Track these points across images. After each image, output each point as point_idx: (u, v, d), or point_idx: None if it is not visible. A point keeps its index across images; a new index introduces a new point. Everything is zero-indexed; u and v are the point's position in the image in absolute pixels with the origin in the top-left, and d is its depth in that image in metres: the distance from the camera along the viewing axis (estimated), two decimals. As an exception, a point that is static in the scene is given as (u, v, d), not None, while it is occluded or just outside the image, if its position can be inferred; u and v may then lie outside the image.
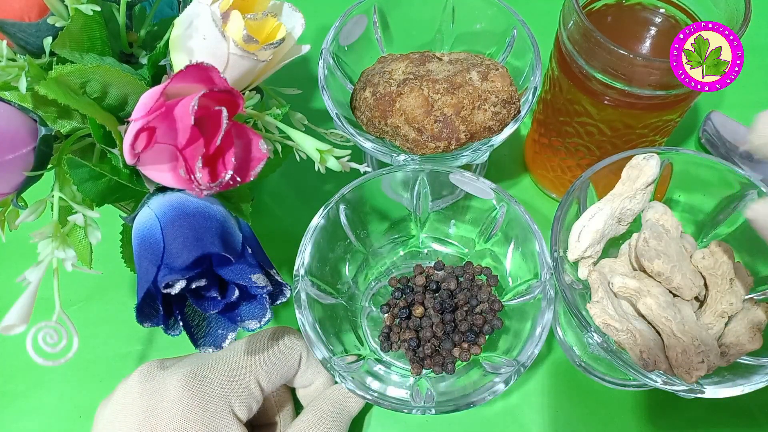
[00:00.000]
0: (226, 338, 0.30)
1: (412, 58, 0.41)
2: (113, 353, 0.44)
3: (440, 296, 0.40)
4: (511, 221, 0.39)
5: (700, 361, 0.30)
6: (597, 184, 0.37)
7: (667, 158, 0.36)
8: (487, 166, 0.51)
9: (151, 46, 0.34)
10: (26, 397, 0.43)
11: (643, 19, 0.39)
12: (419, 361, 0.38)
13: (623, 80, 0.35)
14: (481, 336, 0.39)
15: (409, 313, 0.40)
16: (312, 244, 0.37)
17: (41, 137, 0.27)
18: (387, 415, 0.41)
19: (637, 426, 0.41)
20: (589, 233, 0.35)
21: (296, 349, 0.36)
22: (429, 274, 0.42)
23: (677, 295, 0.34)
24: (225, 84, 0.25)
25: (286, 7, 0.31)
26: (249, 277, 0.29)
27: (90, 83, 0.27)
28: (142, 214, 0.30)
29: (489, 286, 0.40)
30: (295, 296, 0.35)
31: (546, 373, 0.43)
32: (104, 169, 0.28)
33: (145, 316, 0.28)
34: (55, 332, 0.25)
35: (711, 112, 0.51)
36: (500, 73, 0.39)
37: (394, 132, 0.39)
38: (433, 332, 0.38)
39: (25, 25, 0.29)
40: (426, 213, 0.43)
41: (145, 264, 0.28)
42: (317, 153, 0.31)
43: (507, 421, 0.41)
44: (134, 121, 0.25)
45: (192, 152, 0.25)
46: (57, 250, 0.26)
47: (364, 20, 0.42)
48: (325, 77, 0.40)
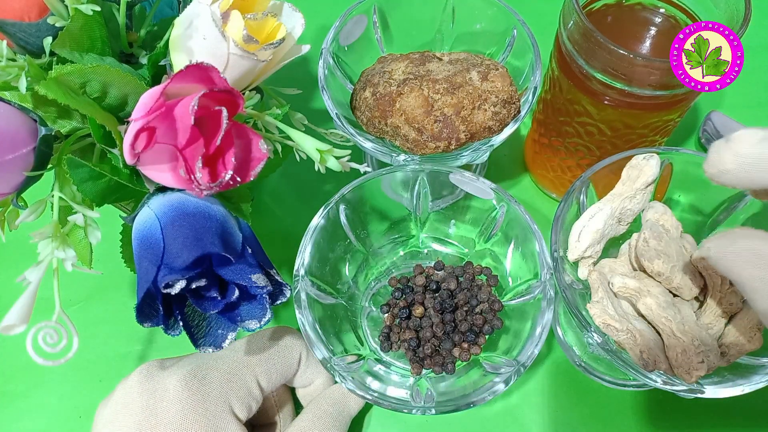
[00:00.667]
0: (226, 338, 0.30)
1: (412, 58, 0.41)
2: (113, 353, 0.44)
3: (440, 296, 0.40)
4: (511, 221, 0.39)
5: (700, 361, 0.30)
6: (597, 184, 0.37)
7: (667, 158, 0.36)
8: (487, 166, 0.51)
9: (151, 46, 0.34)
10: (26, 397, 0.43)
11: (643, 19, 0.39)
12: (419, 361, 0.38)
13: (623, 80, 0.35)
14: (481, 336, 0.39)
15: (409, 313, 0.39)
16: (312, 244, 0.37)
17: (41, 137, 0.27)
18: (387, 415, 0.41)
19: (637, 426, 0.41)
20: (589, 233, 0.35)
21: (296, 348, 0.37)
22: (429, 274, 0.42)
23: (677, 295, 0.34)
24: (225, 84, 0.25)
25: (286, 7, 0.31)
26: (249, 277, 0.29)
27: (90, 83, 0.27)
28: (142, 214, 0.30)
29: (489, 286, 0.40)
30: (295, 296, 0.35)
31: (546, 373, 0.43)
32: (104, 169, 0.28)
33: (145, 316, 0.28)
34: (55, 332, 0.25)
35: (711, 112, 0.51)
36: (500, 73, 0.39)
37: (394, 132, 0.39)
38: (433, 332, 0.38)
39: (25, 25, 0.29)
40: (426, 213, 0.43)
41: (145, 264, 0.28)
42: (317, 153, 0.31)
43: (507, 421, 0.41)
44: (134, 121, 0.25)
45: (192, 152, 0.25)
46: (57, 250, 0.26)
47: (364, 20, 0.42)
48: (325, 77, 0.40)
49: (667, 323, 0.32)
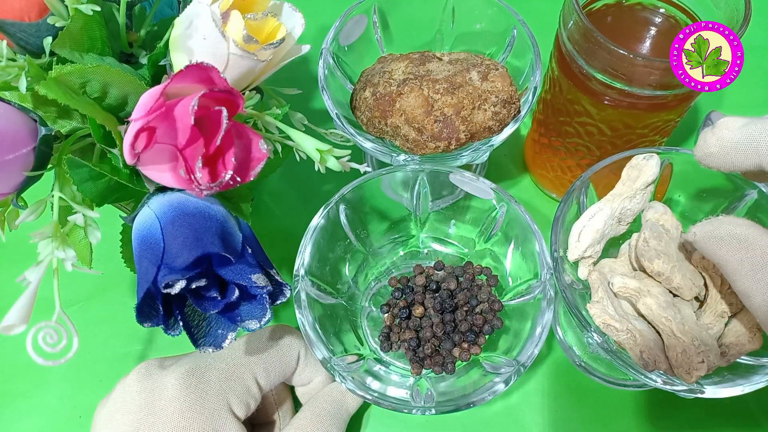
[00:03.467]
0: (226, 338, 0.30)
1: (412, 58, 0.41)
2: (113, 353, 0.44)
3: (440, 296, 0.40)
4: (511, 221, 0.39)
5: (700, 361, 0.30)
6: (597, 184, 0.37)
7: (667, 158, 0.36)
8: (487, 166, 0.51)
9: (151, 46, 0.34)
10: (26, 397, 0.43)
11: (643, 19, 0.39)
12: (419, 361, 0.38)
13: (623, 80, 0.35)
14: (481, 336, 0.39)
15: (409, 313, 0.40)
16: (312, 244, 0.37)
17: (41, 137, 0.27)
18: (387, 414, 0.41)
19: (637, 426, 0.41)
20: (589, 233, 0.35)
21: (294, 347, 0.37)
22: (429, 274, 0.42)
23: (677, 295, 0.34)
24: (225, 84, 0.25)
25: (286, 7, 0.31)
26: (249, 277, 0.29)
27: (90, 83, 0.27)
28: (142, 214, 0.30)
29: (489, 286, 0.40)
30: (295, 296, 0.35)
31: (546, 373, 0.43)
32: (104, 169, 0.28)
33: (145, 316, 0.28)
34: (55, 332, 0.25)
35: (711, 112, 0.51)
36: (500, 73, 0.39)
37: (394, 132, 0.39)
38: (433, 332, 0.38)
39: (25, 25, 0.29)
40: (426, 213, 0.43)
41: (145, 264, 0.28)
42: (317, 153, 0.31)
43: (507, 421, 0.41)
44: (134, 121, 0.25)
45: (192, 152, 0.25)
46: (57, 250, 0.26)
47: (364, 20, 0.42)
48: (325, 77, 0.40)
49: (667, 323, 0.32)
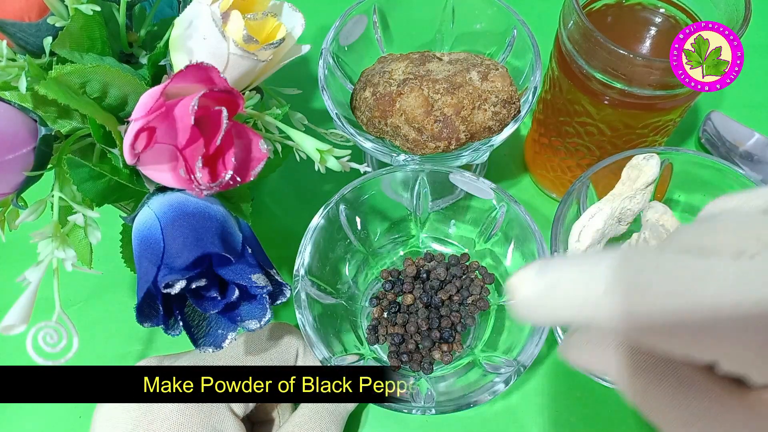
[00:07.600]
0: (226, 338, 0.30)
1: (412, 58, 0.41)
2: (113, 353, 0.44)
3: (430, 285, 0.40)
4: (511, 221, 0.39)
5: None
6: (597, 184, 0.37)
7: (667, 158, 0.36)
8: (487, 166, 0.51)
9: (151, 46, 0.34)
10: (26, 397, 0.43)
11: (643, 19, 0.39)
12: (398, 357, 0.38)
13: (623, 80, 0.35)
14: (457, 335, 0.39)
15: (398, 308, 0.40)
16: (312, 244, 0.37)
17: (41, 137, 0.27)
18: (386, 414, 0.41)
19: (637, 426, 0.41)
20: (589, 233, 0.35)
21: (292, 344, 0.37)
22: (420, 265, 0.42)
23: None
24: (225, 84, 0.25)
25: (286, 7, 0.31)
26: (249, 277, 0.29)
27: (90, 83, 0.27)
28: (142, 214, 0.30)
29: (484, 283, 0.40)
30: (295, 296, 0.35)
31: (546, 373, 0.43)
32: (104, 169, 0.28)
33: (145, 316, 0.28)
34: (55, 332, 0.25)
35: (711, 112, 0.51)
36: (500, 73, 0.39)
37: (394, 132, 0.39)
38: (418, 326, 0.39)
39: (25, 25, 0.29)
40: (426, 213, 0.43)
41: (145, 264, 0.28)
42: (317, 153, 0.31)
43: (507, 421, 0.41)
44: (134, 121, 0.25)
45: (192, 152, 0.25)
46: (57, 250, 0.26)
47: (364, 20, 0.42)
48: (325, 77, 0.40)
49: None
